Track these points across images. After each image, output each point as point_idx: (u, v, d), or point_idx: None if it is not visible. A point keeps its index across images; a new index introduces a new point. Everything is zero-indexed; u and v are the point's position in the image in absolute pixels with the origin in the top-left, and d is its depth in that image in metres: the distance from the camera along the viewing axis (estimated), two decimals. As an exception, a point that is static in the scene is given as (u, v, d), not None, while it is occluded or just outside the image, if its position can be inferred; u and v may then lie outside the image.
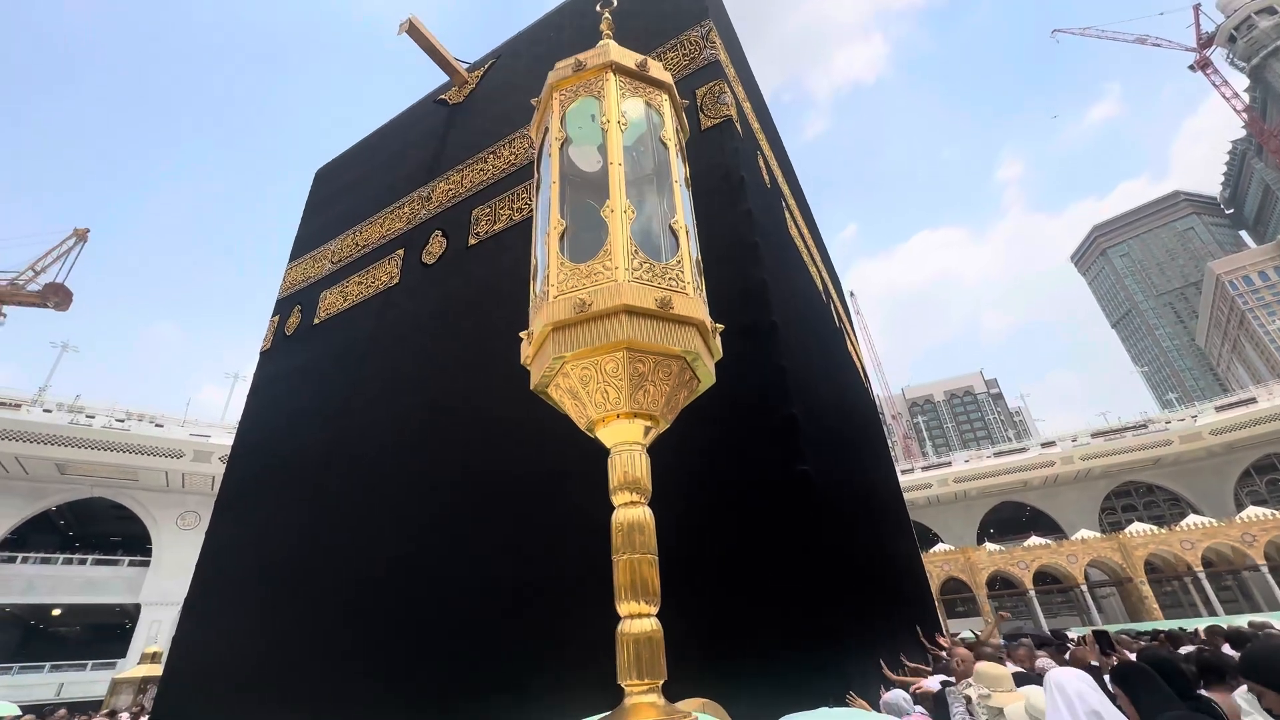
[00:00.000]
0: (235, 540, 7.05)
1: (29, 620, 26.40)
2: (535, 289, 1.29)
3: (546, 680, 3.56)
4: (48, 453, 23.07)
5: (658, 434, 1.15)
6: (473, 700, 3.86)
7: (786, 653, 3.04)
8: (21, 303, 37.19)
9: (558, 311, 1.08)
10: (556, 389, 1.14)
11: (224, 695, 5.82)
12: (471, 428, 5.09)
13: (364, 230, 8.10)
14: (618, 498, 1.06)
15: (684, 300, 1.11)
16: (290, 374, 7.91)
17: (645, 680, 0.92)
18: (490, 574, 4.28)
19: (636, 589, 0.98)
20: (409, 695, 4.24)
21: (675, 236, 1.23)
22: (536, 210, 1.39)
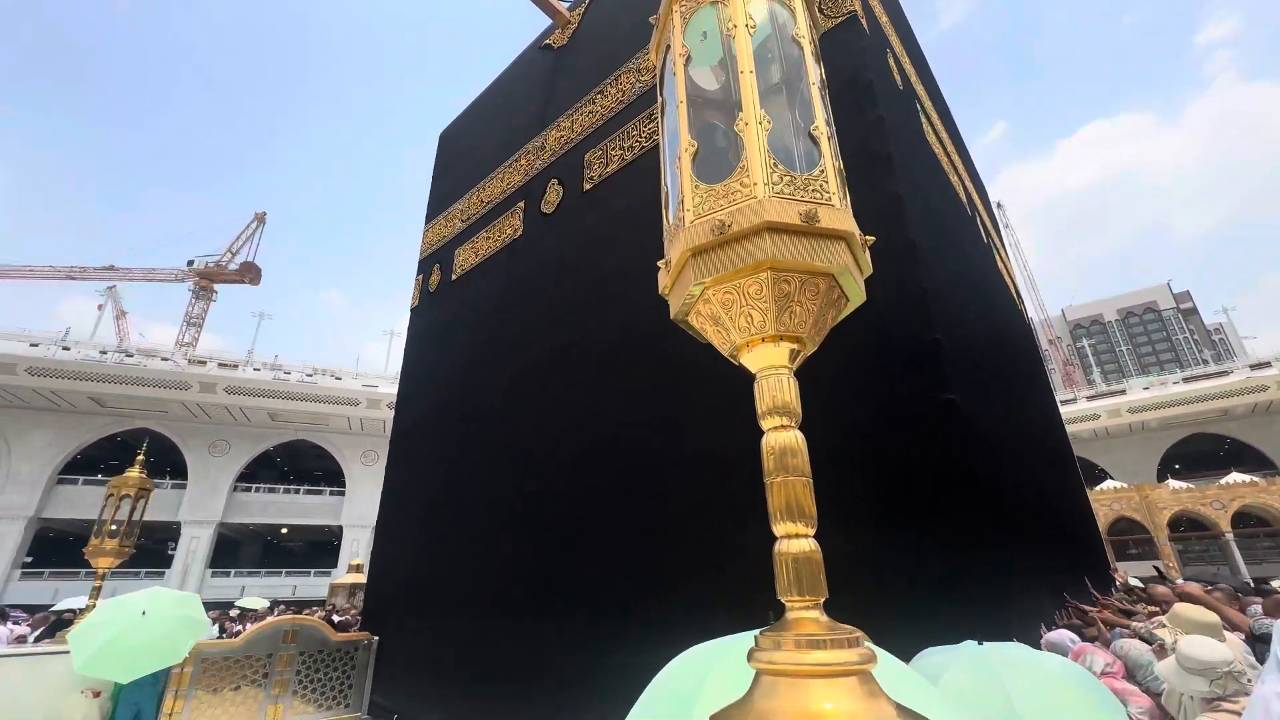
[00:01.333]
0: (407, 475, 8.14)
1: (266, 536, 32.91)
2: (669, 217, 1.27)
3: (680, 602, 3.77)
4: (261, 404, 27.94)
5: (805, 356, 1.10)
6: (613, 614, 4.21)
7: (927, 588, 2.93)
8: (226, 280, 44.39)
9: (695, 236, 1.06)
10: (697, 316, 1.13)
11: (409, 598, 6.92)
12: (596, 367, 5.32)
13: (486, 186, 8.50)
14: (767, 422, 1.04)
15: (830, 212, 1.03)
16: (436, 328, 8.73)
17: (807, 597, 0.92)
18: (619, 505, 4.55)
19: (792, 510, 0.97)
20: (557, 608, 4.74)
21: (816, 144, 1.13)
22: (663, 135, 1.35)
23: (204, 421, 28.48)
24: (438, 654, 5.98)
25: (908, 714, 0.84)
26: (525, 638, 4.92)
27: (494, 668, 5.13)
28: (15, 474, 25.09)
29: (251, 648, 6.21)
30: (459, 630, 5.74)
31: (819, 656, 0.85)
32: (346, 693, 6.64)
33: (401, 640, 6.73)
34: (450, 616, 5.96)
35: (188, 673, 5.66)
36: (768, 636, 0.93)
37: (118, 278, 43.45)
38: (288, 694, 6.28)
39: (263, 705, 6.12)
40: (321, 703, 6.47)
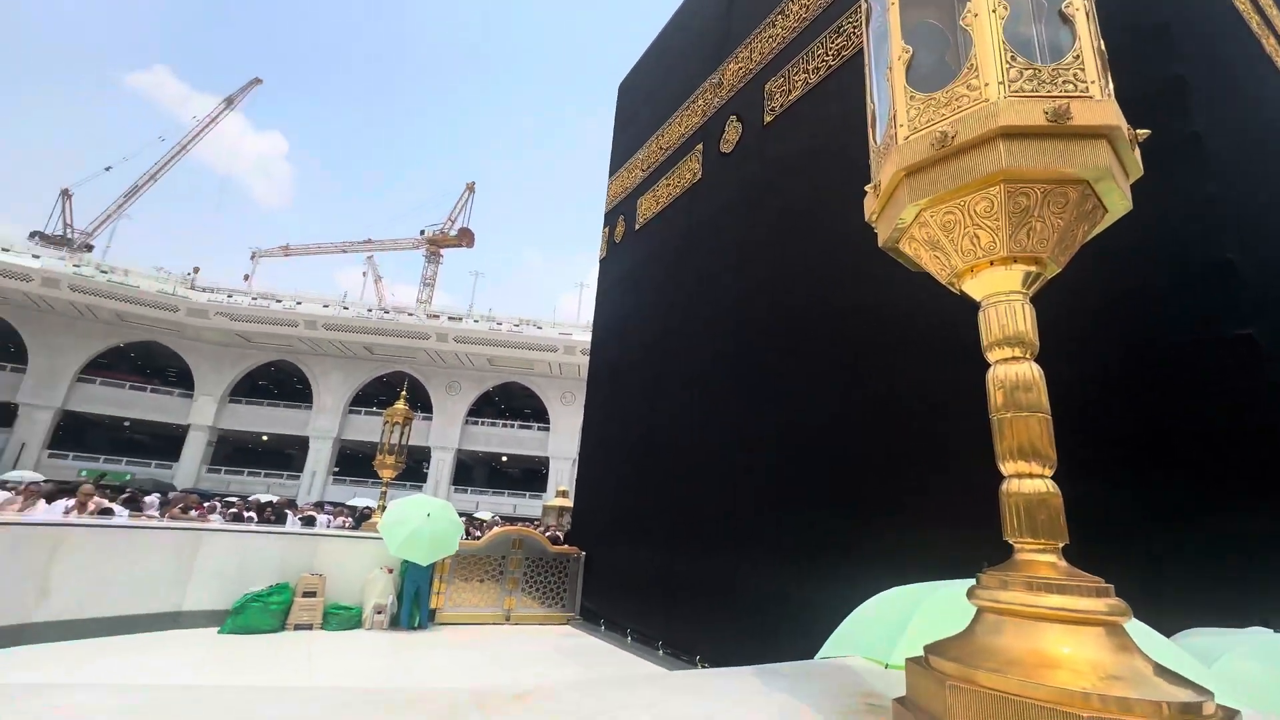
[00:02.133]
0: (603, 414, 8.94)
1: (490, 463, 38.97)
2: (875, 137, 1.18)
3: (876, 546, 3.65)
4: (480, 350, 32.60)
5: (1046, 280, 0.97)
6: (802, 548, 4.24)
7: (1195, 559, 2.44)
8: (448, 245, 51.65)
9: (911, 153, 0.97)
10: (910, 242, 1.05)
11: (611, 522, 7.73)
12: (785, 305, 5.18)
13: (665, 133, 8.55)
14: (994, 354, 0.95)
15: (1086, 106, 0.87)
16: (623, 278, 9.22)
17: (1041, 540, 0.85)
18: (808, 443, 4.48)
19: (1024, 450, 0.89)
20: (745, 540, 4.91)
21: (1069, 23, 0.94)
22: (868, 44, 1.24)
23: (441, 366, 34.19)
24: (637, 573, 6.65)
25: (1170, 675, 0.74)
26: (716, 566, 5.22)
27: (686, 589, 5.56)
28: (322, 406, 33.01)
29: (490, 549, 7.54)
30: (655, 554, 6.29)
31: (1056, 600, 0.79)
32: (562, 596, 7.76)
33: (605, 558, 7.62)
34: (648, 540, 6.54)
35: (448, 563, 7.10)
36: (993, 575, 0.88)
37: (373, 249, 53.18)
38: (518, 589, 7.54)
39: (500, 595, 7.45)
40: (543, 600, 7.66)
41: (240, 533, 6.73)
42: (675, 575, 5.80)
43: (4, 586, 4.72)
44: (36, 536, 5.02)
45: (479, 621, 7.17)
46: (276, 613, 6.01)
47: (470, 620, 7.14)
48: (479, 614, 7.24)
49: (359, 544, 6.92)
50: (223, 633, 5.73)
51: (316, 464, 32.10)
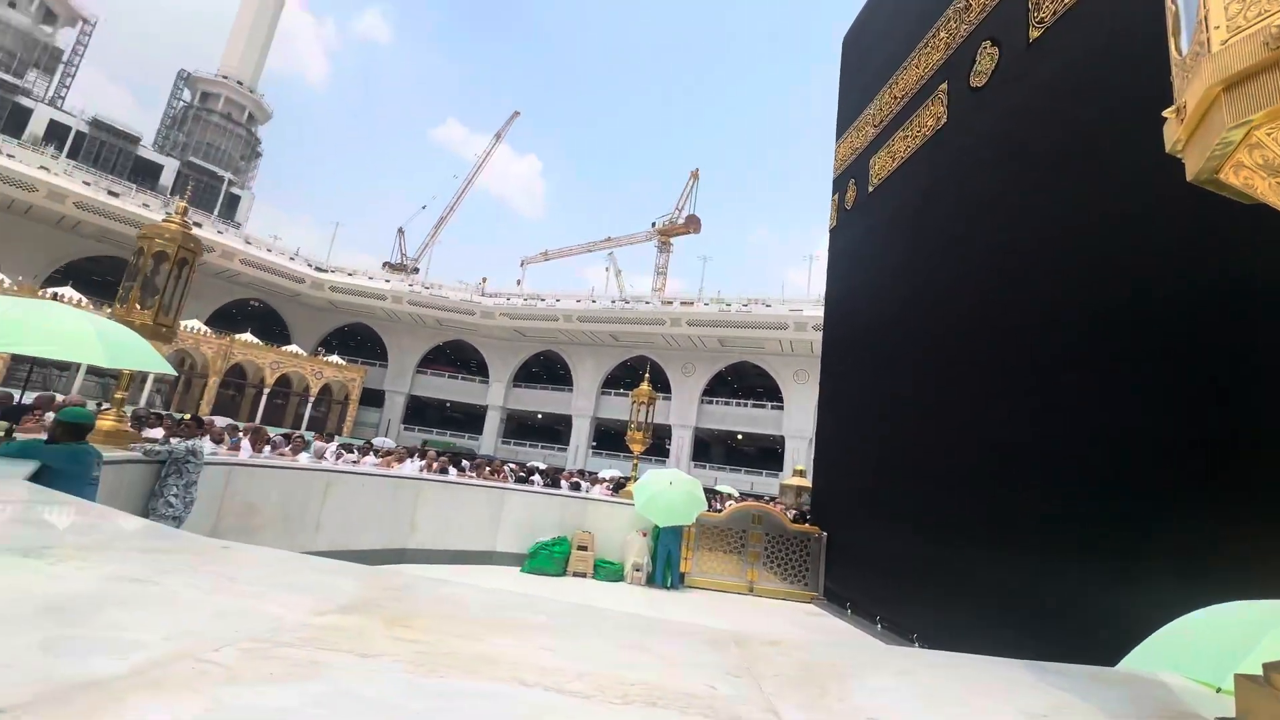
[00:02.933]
0: (839, 391, 8.54)
1: (726, 441, 40.15)
2: (1178, 46, 0.96)
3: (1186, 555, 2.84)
4: (711, 333, 33.69)
5: None
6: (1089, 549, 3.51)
7: None
8: (677, 234, 54.19)
9: (1232, 59, 0.78)
10: (1237, 170, 0.84)
11: (853, 503, 7.39)
12: (1065, 256, 4.30)
13: (899, 79, 7.69)
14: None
15: None
16: (856, 245, 8.63)
17: None
18: (1102, 421, 3.65)
19: None
20: (1016, 535, 4.24)
21: None
22: (1167, -66, 1.00)
23: (676, 349, 36.31)
24: (887, 558, 6.27)
25: None
26: (981, 558, 4.65)
27: (947, 581, 5.07)
28: (580, 388, 37.91)
29: (731, 522, 7.89)
30: (909, 540, 5.85)
31: None
32: (804, 574, 7.73)
33: (850, 540, 7.34)
34: (899, 525, 6.12)
35: (692, 532, 7.65)
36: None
37: (613, 246, 58.64)
38: (759, 563, 7.75)
39: (742, 567, 7.75)
40: (785, 576, 7.73)
41: (531, 492, 8.23)
42: (933, 565, 5.32)
43: (391, 520, 6.62)
44: (407, 485, 6.90)
45: (724, 589, 7.58)
46: (559, 560, 7.23)
47: (716, 587, 7.59)
48: (724, 581, 7.65)
49: (619, 509, 7.88)
50: (523, 572, 7.11)
51: (579, 438, 37.08)
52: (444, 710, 0.62)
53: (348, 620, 0.87)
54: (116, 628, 0.71)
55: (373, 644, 0.78)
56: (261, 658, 0.67)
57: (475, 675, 0.72)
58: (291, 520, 5.59)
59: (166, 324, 4.64)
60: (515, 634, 0.93)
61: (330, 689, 0.63)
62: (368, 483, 6.63)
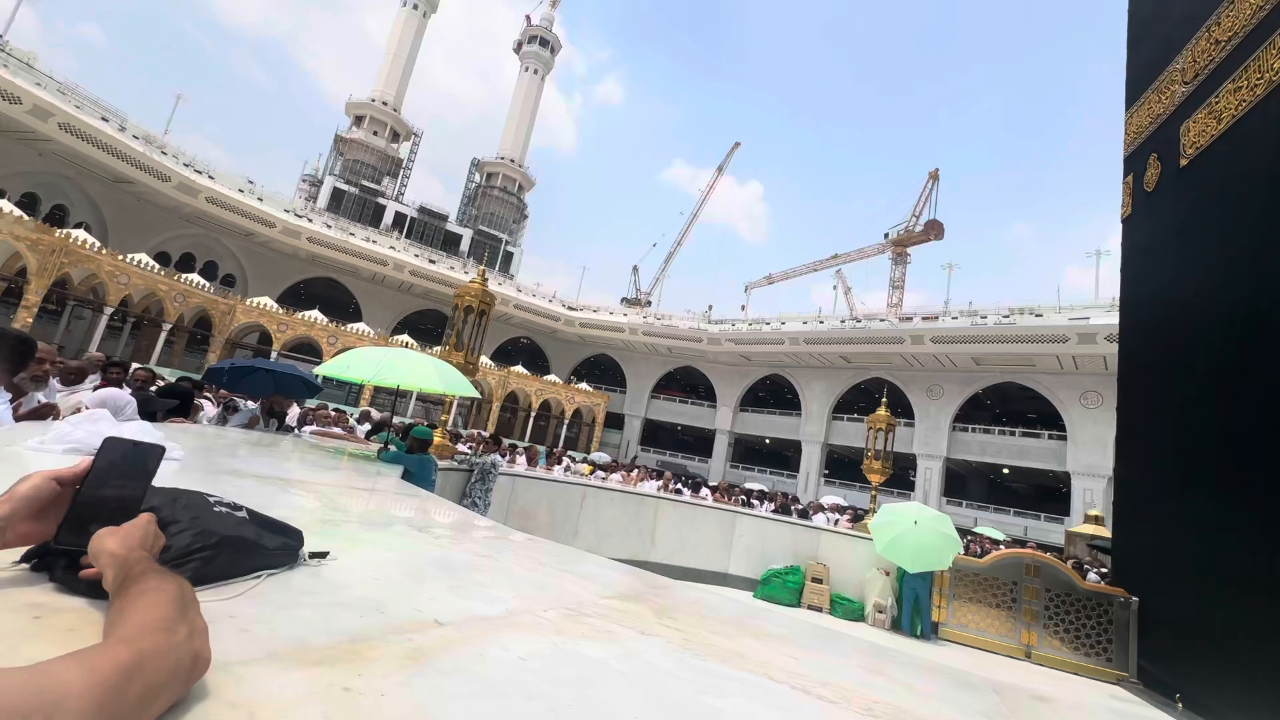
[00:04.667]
0: (1148, 417, 6.79)
1: (988, 475, 34.39)
2: None
3: None
4: (963, 349, 29.50)
5: None
6: None
7: None
8: (915, 243, 49.20)
9: None
10: None
11: (1178, 563, 5.69)
12: None
13: (1225, 15, 6.01)
14: None
15: None
16: (1164, 235, 6.87)
17: None
18: None
19: None
20: None
21: None
22: None
23: (919, 369, 32.62)
24: (1243, 643, 4.74)
25: None
26: None
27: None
28: (809, 413, 36.46)
29: (996, 571, 6.78)
30: (1262, 615, 4.35)
31: None
32: (1106, 646, 6.24)
33: (1178, 610, 5.70)
34: (1245, 596, 4.60)
35: (947, 576, 6.77)
36: None
37: (840, 263, 55.73)
38: (1038, 625, 6.49)
39: (1015, 626, 6.58)
40: (1077, 647, 6.33)
41: (761, 517, 8.25)
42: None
43: (635, 533, 7.28)
44: (648, 503, 7.52)
45: (990, 648, 6.52)
46: (793, 590, 7.06)
47: (980, 644, 6.58)
48: (990, 640, 6.58)
49: (856, 543, 7.41)
50: (756, 597, 7.11)
51: (809, 465, 35.56)
52: (712, 685, 0.76)
53: (626, 605, 1.08)
54: (484, 586, 1.02)
55: (648, 625, 0.96)
56: (575, 621, 0.90)
57: (731, 664, 0.85)
58: (557, 525, 6.55)
59: (472, 361, 5.94)
60: (760, 639, 1.03)
61: (624, 650, 0.82)
62: (615, 498, 7.41)
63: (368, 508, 1.96)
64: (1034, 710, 0.91)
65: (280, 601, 0.78)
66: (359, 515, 1.75)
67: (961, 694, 0.92)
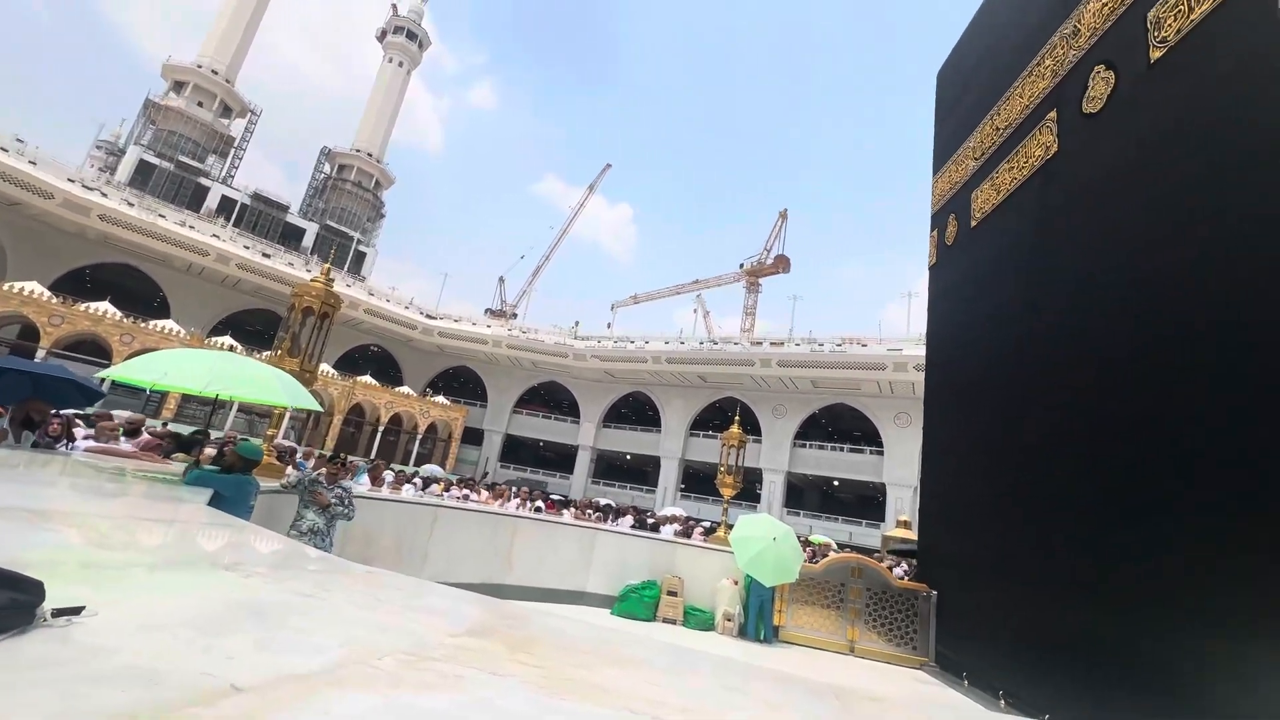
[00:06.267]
0: (946, 437, 7.98)
1: (822, 487, 38.24)
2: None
3: None
4: (803, 373, 32.69)
5: None
6: None
7: None
8: (765, 274, 53.82)
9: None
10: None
11: (965, 560, 6.76)
12: (1202, 292, 3.86)
13: (1001, 110, 7.38)
14: None
15: None
16: (960, 283, 8.19)
17: None
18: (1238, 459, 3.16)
19: None
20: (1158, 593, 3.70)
21: None
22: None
23: (766, 390, 35.50)
24: (1011, 624, 5.67)
25: None
26: (1126, 629, 4.11)
27: (1088, 654, 4.50)
28: (669, 429, 37.91)
29: (828, 574, 7.49)
30: (1041, 604, 5.27)
31: None
32: (912, 636, 7.13)
33: (965, 600, 6.71)
34: (1025, 589, 5.55)
35: (788, 585, 7.33)
36: None
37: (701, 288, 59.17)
38: (860, 621, 7.25)
39: (842, 624, 7.29)
40: (889, 638, 7.17)
41: (621, 534, 8.31)
42: (1069, 635, 4.74)
43: (490, 555, 6.93)
44: (505, 523, 7.22)
45: (821, 646, 7.14)
46: (649, 605, 7.18)
47: (813, 643, 7.18)
48: (821, 639, 7.22)
49: (709, 554, 7.74)
50: (613, 614, 7.12)
51: (667, 480, 36.84)
52: (569, 727, 0.70)
53: (477, 642, 0.98)
54: (304, 633, 0.86)
55: (501, 665, 0.88)
56: (415, 668, 0.79)
57: (591, 700, 0.80)
58: (404, 550, 6.02)
59: (310, 370, 5.29)
60: (620, 667, 1.00)
61: (473, 699, 0.73)
62: (470, 518, 7.01)
63: (158, 543, 1.62)
64: (867, 710, 0.96)
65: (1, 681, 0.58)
66: (145, 554, 1.44)
67: (809, 703, 0.96)
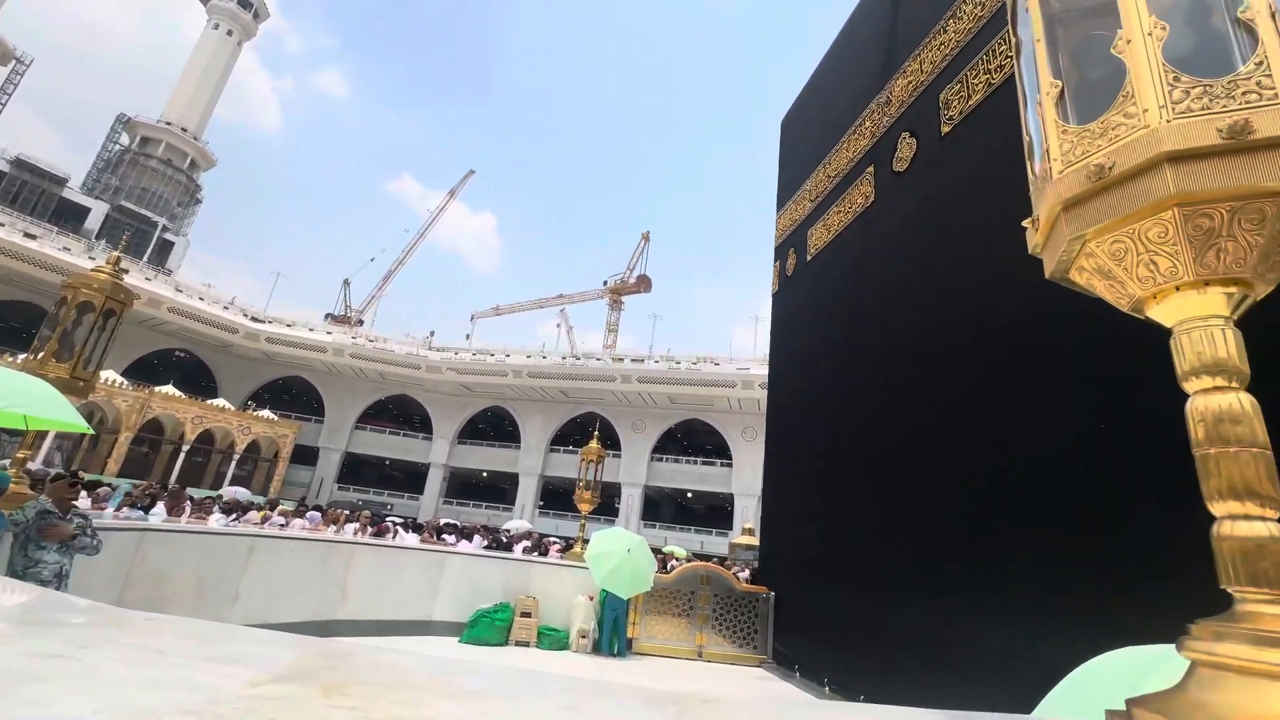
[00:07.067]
0: (784, 450, 8.77)
1: (677, 499, 39.83)
2: (1034, 169, 1.17)
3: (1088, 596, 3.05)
4: (661, 389, 33.99)
5: (1254, 301, 0.89)
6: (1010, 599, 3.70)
7: None
8: (628, 292, 55.36)
9: (1066, 187, 0.97)
10: (1080, 272, 1.02)
11: (796, 562, 7.46)
12: (976, 331, 4.71)
13: (832, 160, 8.41)
14: (1192, 384, 0.89)
15: (1272, 116, 0.81)
16: (797, 310, 9.10)
17: (1264, 589, 0.77)
18: (1008, 484, 3.93)
19: (1237, 489, 0.82)
20: (950, 588, 4.41)
21: (1247, 29, 0.88)
22: (1021, 78, 1.24)
23: (627, 406, 36.33)
24: (832, 617, 6.32)
25: None
26: (919, 614, 4.78)
27: (892, 640, 5.14)
28: (528, 445, 37.09)
29: (679, 583, 7.77)
30: (852, 598, 5.93)
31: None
32: (753, 637, 7.64)
33: (797, 599, 7.36)
34: (843, 583, 6.21)
35: (642, 595, 7.48)
36: (1206, 627, 0.81)
37: (565, 303, 59.21)
38: (708, 626, 7.61)
39: (691, 631, 7.59)
40: (734, 640, 7.61)
41: (473, 555, 7.90)
42: (877, 627, 5.40)
43: (319, 588, 6.19)
44: (339, 551, 6.51)
45: (672, 654, 7.37)
46: (501, 628, 6.89)
47: (664, 652, 7.38)
48: (672, 647, 7.45)
49: (564, 571, 7.65)
50: (462, 642, 6.72)
51: (525, 497, 35.93)
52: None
53: (284, 689, 0.86)
54: (39, 703, 0.69)
55: (312, 712, 0.78)
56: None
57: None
58: (207, 591, 5.15)
59: (85, 378, 4.37)
60: (458, 700, 0.94)
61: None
62: (297, 547, 6.22)
63: None
64: (702, 715, 1.00)
65: None
66: None
67: (647, 713, 0.97)
